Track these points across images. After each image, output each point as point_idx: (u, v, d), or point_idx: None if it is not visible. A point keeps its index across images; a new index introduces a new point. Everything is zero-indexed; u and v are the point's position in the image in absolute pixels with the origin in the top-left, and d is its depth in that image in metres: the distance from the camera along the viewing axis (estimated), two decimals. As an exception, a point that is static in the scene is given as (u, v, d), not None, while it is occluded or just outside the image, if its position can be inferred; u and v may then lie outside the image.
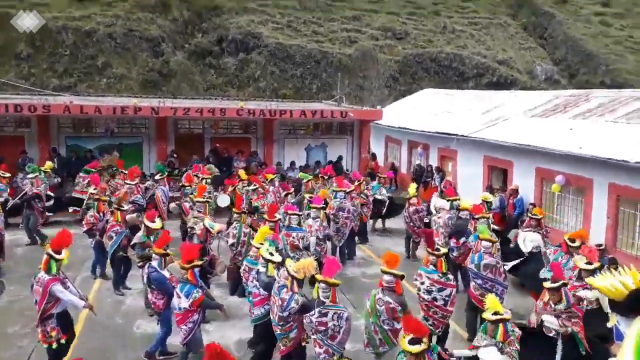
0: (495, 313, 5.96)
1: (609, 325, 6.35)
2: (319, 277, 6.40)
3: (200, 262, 7.30)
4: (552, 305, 6.69)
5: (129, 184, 13.20)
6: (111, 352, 7.66)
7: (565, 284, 6.83)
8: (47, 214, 13.80)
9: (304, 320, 6.38)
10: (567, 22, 39.64)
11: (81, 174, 14.51)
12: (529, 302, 9.27)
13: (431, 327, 7.06)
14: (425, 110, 22.27)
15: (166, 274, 7.62)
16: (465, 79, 33.31)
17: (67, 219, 13.76)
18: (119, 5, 30.95)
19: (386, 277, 6.80)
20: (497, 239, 9.13)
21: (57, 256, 6.67)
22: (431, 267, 7.46)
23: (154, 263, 7.67)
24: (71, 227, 9.67)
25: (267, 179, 13.78)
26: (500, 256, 9.10)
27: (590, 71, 36.25)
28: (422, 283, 7.34)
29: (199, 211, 10.50)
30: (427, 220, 12.47)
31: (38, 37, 26.69)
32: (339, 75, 26.16)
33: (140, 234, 9.17)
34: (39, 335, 6.74)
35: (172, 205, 12.68)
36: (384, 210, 14.53)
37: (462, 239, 9.91)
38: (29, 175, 13.32)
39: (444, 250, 7.84)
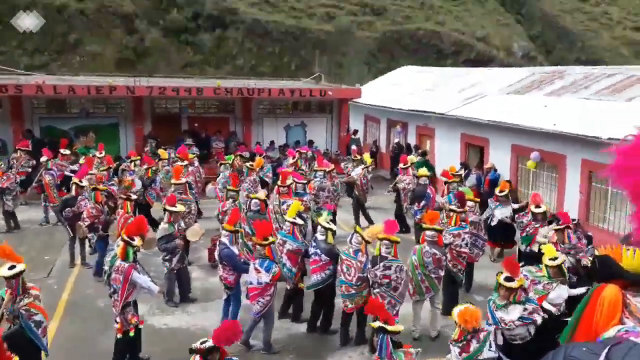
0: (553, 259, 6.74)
1: None
2: (381, 235, 7.13)
3: (273, 239, 7.41)
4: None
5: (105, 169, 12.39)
6: (92, 337, 7.64)
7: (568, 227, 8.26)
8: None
9: (369, 275, 7.07)
10: (544, -2, 39.89)
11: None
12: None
13: (460, 274, 8.52)
14: (404, 88, 22.28)
15: (235, 250, 7.61)
16: (444, 56, 33.39)
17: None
18: (90, -19, 30.15)
19: (429, 233, 7.70)
20: (478, 199, 10.38)
21: (133, 242, 6.68)
22: (462, 223, 8.64)
23: (225, 240, 7.56)
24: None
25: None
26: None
27: (566, 48, 36.64)
28: (463, 240, 8.45)
29: (179, 193, 10.37)
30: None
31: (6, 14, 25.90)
32: (317, 52, 26.00)
33: (164, 225, 8.48)
34: (117, 325, 6.56)
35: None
36: None
37: (423, 202, 11.19)
38: None
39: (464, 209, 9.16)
